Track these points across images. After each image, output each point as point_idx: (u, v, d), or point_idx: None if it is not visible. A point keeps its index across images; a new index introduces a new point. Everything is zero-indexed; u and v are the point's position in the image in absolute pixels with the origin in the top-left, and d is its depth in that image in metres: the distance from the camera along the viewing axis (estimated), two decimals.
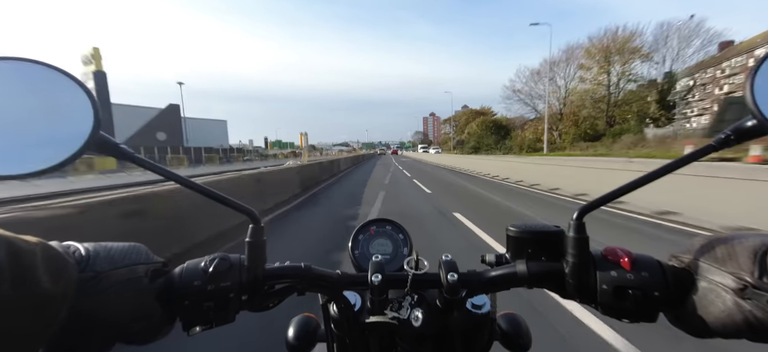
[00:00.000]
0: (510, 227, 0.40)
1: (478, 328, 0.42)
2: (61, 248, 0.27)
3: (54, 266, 0.24)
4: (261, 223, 0.36)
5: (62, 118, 0.27)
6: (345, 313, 0.40)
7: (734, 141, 0.29)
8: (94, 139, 0.28)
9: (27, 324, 0.22)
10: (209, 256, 0.35)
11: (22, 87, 0.27)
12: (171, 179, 0.34)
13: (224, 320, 0.34)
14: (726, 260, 0.29)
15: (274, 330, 1.68)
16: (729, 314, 0.27)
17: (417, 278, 0.39)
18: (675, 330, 0.33)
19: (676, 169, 0.31)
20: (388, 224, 0.55)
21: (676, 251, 0.34)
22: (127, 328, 0.29)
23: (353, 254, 0.52)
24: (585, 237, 0.34)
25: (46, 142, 0.27)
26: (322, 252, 3.61)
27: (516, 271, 0.37)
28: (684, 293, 0.31)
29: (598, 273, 0.33)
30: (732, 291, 0.27)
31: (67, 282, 0.25)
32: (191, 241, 3.57)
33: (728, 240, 0.30)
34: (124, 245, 0.32)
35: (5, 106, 0.26)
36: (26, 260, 0.22)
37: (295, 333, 0.49)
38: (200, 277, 0.33)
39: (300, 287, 0.38)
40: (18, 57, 0.26)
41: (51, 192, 8.16)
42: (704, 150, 0.30)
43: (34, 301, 0.22)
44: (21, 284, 0.21)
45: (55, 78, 0.27)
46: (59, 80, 0.28)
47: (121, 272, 0.29)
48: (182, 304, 0.33)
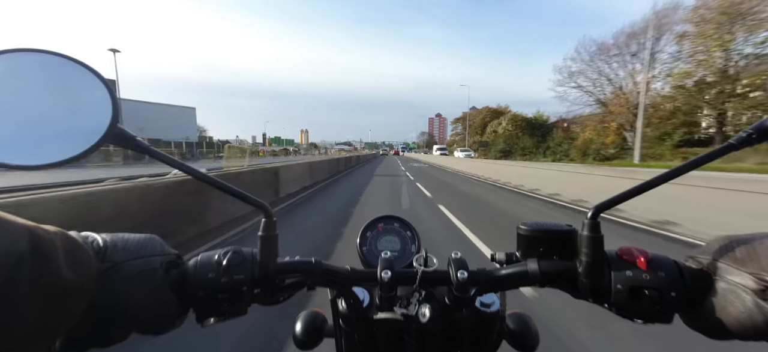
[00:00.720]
0: (521, 226, 0.40)
1: (486, 326, 0.41)
2: (80, 239, 0.27)
3: (75, 256, 0.24)
4: (273, 217, 0.36)
5: (83, 111, 0.28)
6: (354, 309, 0.40)
7: (756, 140, 0.29)
8: (113, 132, 0.28)
9: (48, 314, 0.22)
10: (222, 249, 0.35)
11: (47, 79, 0.27)
12: (185, 171, 0.34)
13: (237, 313, 0.35)
14: (746, 261, 0.28)
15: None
16: (749, 316, 0.27)
17: (426, 275, 0.39)
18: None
19: (696, 168, 0.31)
20: (396, 220, 0.55)
21: (694, 252, 0.34)
22: (143, 318, 0.30)
23: (361, 250, 0.52)
24: (600, 236, 0.34)
25: (67, 134, 0.27)
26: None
27: (527, 270, 0.37)
28: (701, 294, 0.31)
29: (613, 273, 0.33)
30: (752, 292, 0.27)
31: (87, 273, 0.25)
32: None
33: (748, 240, 0.30)
34: (140, 237, 0.32)
35: (31, 98, 0.27)
36: (48, 250, 0.22)
37: (302, 328, 0.49)
38: (214, 269, 0.34)
39: (310, 281, 0.38)
40: (43, 50, 0.27)
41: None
42: (725, 149, 0.30)
43: (55, 291, 0.22)
44: (42, 274, 0.21)
45: (77, 71, 0.28)
46: (81, 74, 0.28)
47: (137, 263, 0.30)
48: (196, 295, 0.33)
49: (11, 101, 0.26)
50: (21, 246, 0.20)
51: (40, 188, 3.02)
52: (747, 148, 0.29)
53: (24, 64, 0.26)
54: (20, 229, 0.21)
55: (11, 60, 0.26)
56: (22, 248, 0.20)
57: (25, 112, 0.26)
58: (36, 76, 0.27)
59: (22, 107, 0.26)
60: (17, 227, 0.21)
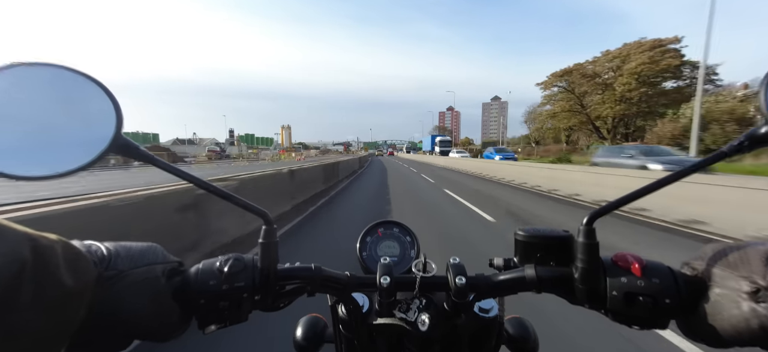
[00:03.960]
0: (518, 231, 0.40)
1: (485, 332, 0.42)
2: (83, 247, 0.28)
3: (75, 264, 0.25)
4: (274, 224, 0.36)
5: (88, 121, 0.29)
6: (353, 314, 0.41)
7: (747, 147, 0.29)
8: (117, 142, 0.29)
9: (51, 322, 0.22)
10: (223, 256, 0.35)
11: (52, 91, 0.28)
12: (187, 179, 0.35)
13: (238, 320, 0.35)
14: (739, 265, 0.29)
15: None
16: (744, 320, 0.27)
17: (425, 281, 0.39)
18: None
19: (685, 176, 0.31)
20: (395, 226, 0.56)
21: (688, 258, 0.34)
22: (146, 326, 0.30)
23: (361, 255, 0.53)
24: (595, 243, 0.34)
25: (73, 145, 0.28)
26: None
27: (524, 275, 0.37)
28: (696, 300, 0.31)
29: (609, 279, 0.33)
30: (746, 295, 0.27)
31: (87, 281, 0.26)
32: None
33: (741, 246, 0.30)
34: (142, 245, 0.33)
35: (37, 110, 0.27)
36: (49, 258, 0.22)
37: (303, 333, 0.50)
38: (215, 277, 0.34)
39: (310, 288, 0.38)
40: (48, 63, 0.28)
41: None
42: (715, 157, 0.30)
43: (57, 299, 0.22)
44: (45, 282, 0.22)
45: (81, 83, 0.29)
46: (85, 85, 0.29)
47: (140, 271, 0.30)
48: (198, 303, 0.33)
49: (17, 113, 0.26)
50: (23, 254, 0.20)
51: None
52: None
53: (30, 77, 0.27)
54: (21, 237, 0.21)
55: (17, 73, 0.26)
56: (24, 255, 0.20)
57: (31, 123, 0.27)
58: (41, 89, 0.27)
59: (28, 120, 0.27)
60: (18, 235, 0.21)
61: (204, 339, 0.35)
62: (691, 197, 5.06)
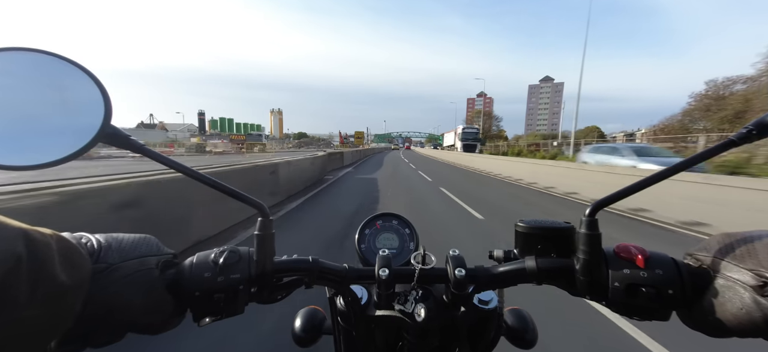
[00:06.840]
0: (519, 223, 0.40)
1: (484, 323, 0.42)
2: (74, 240, 0.27)
3: (69, 258, 0.24)
4: (270, 216, 0.36)
5: (75, 110, 0.28)
6: (352, 306, 0.40)
7: (756, 136, 0.28)
8: (105, 131, 0.28)
9: (44, 316, 0.22)
10: (218, 248, 0.35)
11: (39, 78, 0.27)
12: (180, 170, 0.34)
13: (233, 312, 0.34)
14: (745, 257, 0.28)
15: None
16: (747, 312, 0.27)
17: (424, 273, 0.39)
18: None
19: (696, 163, 0.31)
20: (394, 218, 0.55)
21: (692, 249, 0.34)
22: (139, 318, 0.30)
23: (360, 248, 0.52)
24: (597, 234, 0.34)
25: (59, 133, 0.27)
26: None
27: (525, 267, 0.37)
28: (700, 291, 0.31)
29: (611, 271, 0.33)
30: (751, 288, 0.27)
31: (82, 274, 0.25)
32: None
33: (747, 237, 0.29)
34: (134, 237, 0.32)
35: (22, 98, 0.26)
36: (43, 252, 0.22)
37: (301, 325, 0.50)
38: (210, 269, 0.33)
39: (308, 280, 0.38)
40: (34, 48, 0.27)
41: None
42: (724, 145, 0.30)
43: (50, 293, 0.22)
44: (39, 275, 0.21)
45: (68, 70, 0.28)
46: (73, 73, 0.28)
47: (132, 264, 0.30)
48: (193, 295, 0.33)
49: (2, 101, 0.25)
50: (18, 248, 0.20)
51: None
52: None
53: (16, 63, 0.26)
54: (16, 231, 0.21)
55: (2, 59, 0.25)
56: (19, 250, 0.20)
57: (16, 111, 0.26)
58: (27, 76, 0.26)
59: (12, 107, 0.26)
60: (13, 230, 0.21)
61: (202, 330, 0.35)
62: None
